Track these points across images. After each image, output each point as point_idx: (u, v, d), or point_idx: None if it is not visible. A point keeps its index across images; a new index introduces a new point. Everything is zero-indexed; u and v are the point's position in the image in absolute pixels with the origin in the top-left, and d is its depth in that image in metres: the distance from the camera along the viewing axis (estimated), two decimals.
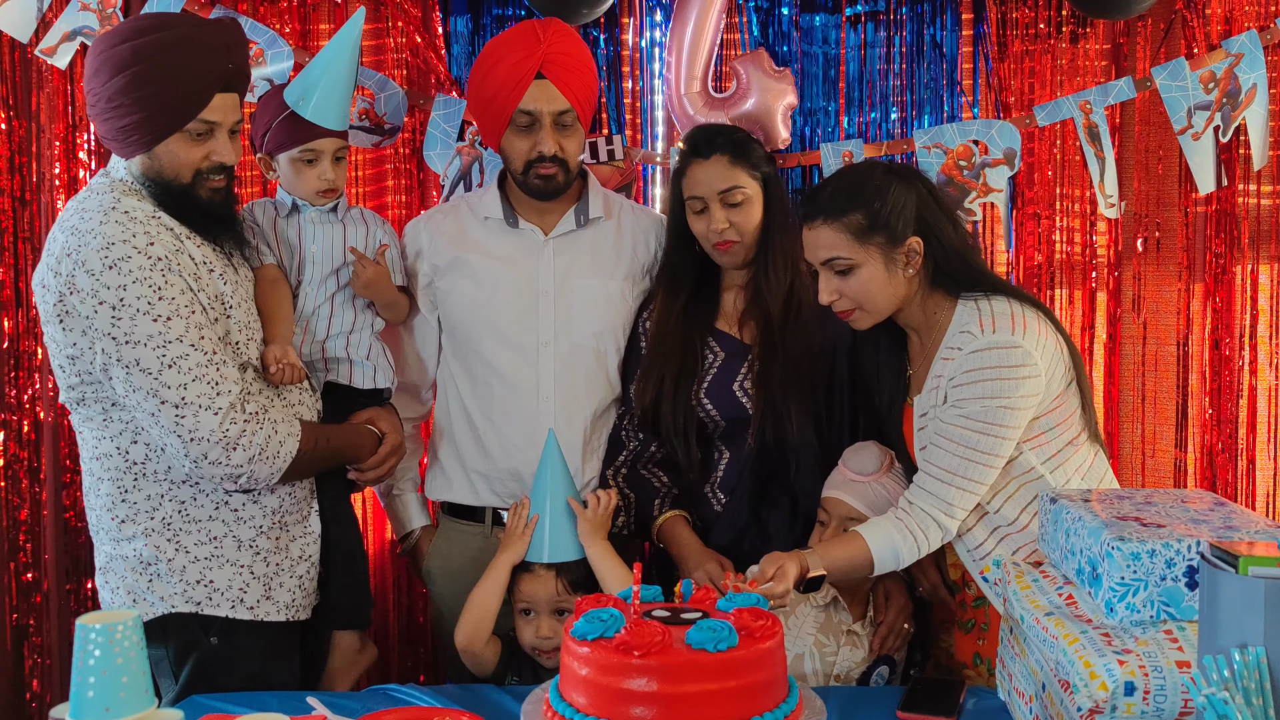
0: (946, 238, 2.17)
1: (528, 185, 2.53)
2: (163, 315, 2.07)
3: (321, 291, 2.44)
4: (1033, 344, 2.08)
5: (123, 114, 2.12)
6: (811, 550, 2.11)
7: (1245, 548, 1.45)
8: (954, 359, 2.12)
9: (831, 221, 2.15)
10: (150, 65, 2.10)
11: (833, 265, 2.17)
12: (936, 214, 2.18)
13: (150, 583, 2.19)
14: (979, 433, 2.08)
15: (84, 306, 2.07)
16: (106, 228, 2.08)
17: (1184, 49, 2.95)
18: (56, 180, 2.99)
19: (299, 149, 2.38)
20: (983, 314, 2.11)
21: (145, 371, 2.07)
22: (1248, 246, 3.02)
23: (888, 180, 2.17)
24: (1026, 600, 1.83)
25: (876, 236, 2.14)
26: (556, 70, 2.45)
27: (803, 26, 3.08)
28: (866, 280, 2.16)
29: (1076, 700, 1.59)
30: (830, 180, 2.27)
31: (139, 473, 2.18)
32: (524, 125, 2.47)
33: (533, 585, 2.27)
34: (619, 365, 2.60)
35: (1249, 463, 3.05)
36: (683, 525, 2.49)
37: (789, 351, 2.45)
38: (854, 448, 2.37)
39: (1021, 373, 2.07)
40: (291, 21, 3.00)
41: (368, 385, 2.48)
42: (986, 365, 2.07)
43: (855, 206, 2.14)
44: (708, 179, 2.43)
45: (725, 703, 1.57)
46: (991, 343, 2.08)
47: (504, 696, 2.05)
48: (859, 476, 2.30)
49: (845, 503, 2.29)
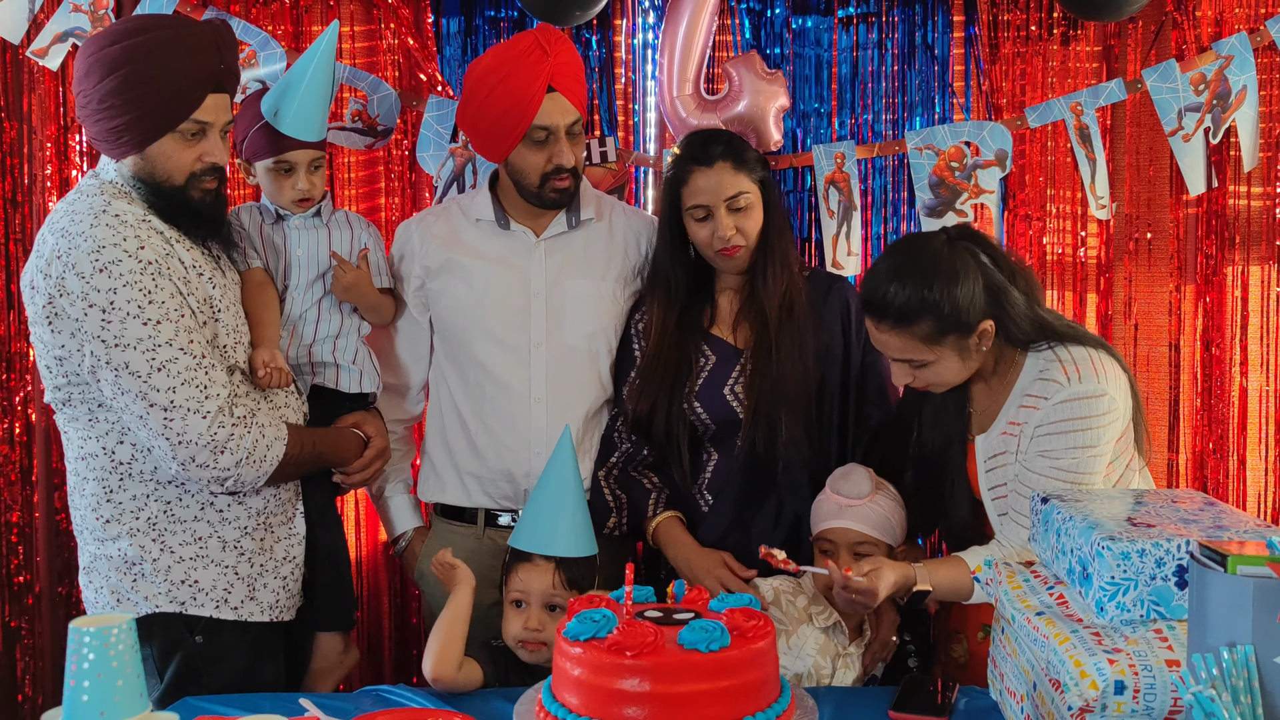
0: (1014, 309, 2.14)
1: (543, 198, 2.52)
2: (152, 319, 2.07)
3: (308, 296, 2.44)
4: (1114, 388, 2.11)
5: (114, 115, 2.12)
6: (921, 565, 2.15)
7: (1234, 547, 1.46)
8: (1039, 408, 2.13)
9: (900, 331, 2.13)
10: (142, 66, 2.10)
11: (907, 361, 2.17)
12: (1003, 286, 2.14)
13: (135, 582, 2.19)
14: (1071, 482, 2.10)
15: (74, 309, 2.07)
16: (97, 231, 2.08)
17: (1174, 51, 2.96)
18: (48, 182, 2.99)
19: (273, 160, 2.39)
20: (1064, 362, 2.11)
21: (134, 374, 2.07)
22: (1238, 248, 3.03)
23: (951, 269, 2.10)
24: (1018, 600, 1.84)
25: (949, 337, 2.12)
26: (565, 81, 2.45)
27: (795, 28, 3.09)
28: (942, 370, 2.17)
29: (1067, 699, 1.60)
30: (890, 271, 2.14)
31: (125, 473, 2.18)
32: (540, 140, 2.46)
33: (530, 575, 2.23)
34: (611, 366, 2.60)
35: (1240, 463, 3.06)
36: (679, 526, 2.49)
37: (781, 355, 2.46)
38: (840, 473, 2.36)
39: (1108, 419, 2.10)
40: (284, 23, 3.00)
41: (354, 389, 2.49)
42: (1077, 415, 2.09)
43: (924, 313, 2.10)
44: (712, 186, 2.42)
45: (717, 703, 1.57)
46: (1078, 393, 2.09)
47: (496, 698, 2.05)
48: (855, 500, 2.30)
49: (852, 529, 2.29)
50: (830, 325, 2.53)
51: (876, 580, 2.07)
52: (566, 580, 2.22)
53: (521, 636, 2.19)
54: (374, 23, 3.02)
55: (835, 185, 2.98)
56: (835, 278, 2.71)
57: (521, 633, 2.19)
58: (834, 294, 2.56)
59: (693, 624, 1.61)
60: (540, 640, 2.18)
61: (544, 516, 2.25)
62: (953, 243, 2.16)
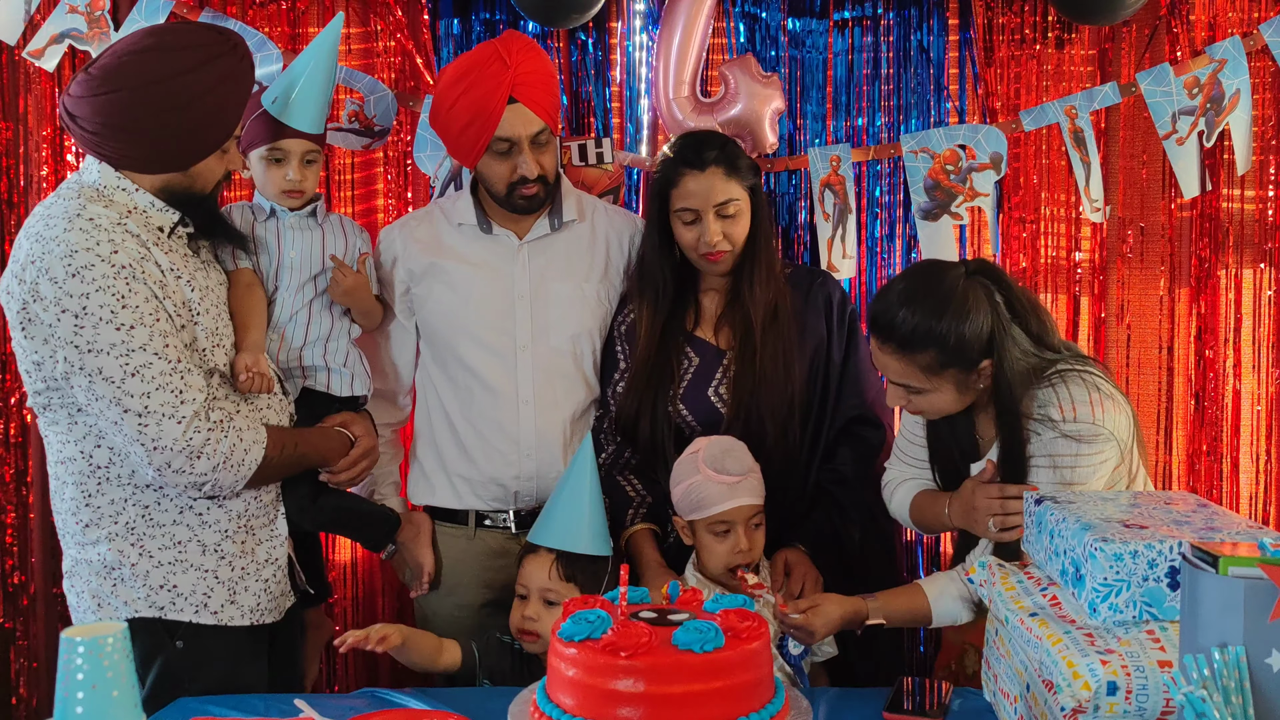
0: (1012, 353, 2.12)
1: (512, 204, 2.53)
2: (125, 324, 2.05)
3: (299, 298, 2.42)
4: (1112, 424, 2.10)
5: (160, 140, 2.13)
6: (876, 597, 2.17)
7: (1226, 548, 1.47)
8: (1030, 440, 2.13)
9: (903, 356, 2.12)
10: (206, 98, 2.12)
11: (904, 385, 2.17)
12: (1010, 329, 2.13)
13: (114, 587, 2.18)
14: None
15: (47, 314, 2.04)
16: (70, 235, 2.05)
17: (1168, 55, 2.97)
18: (44, 183, 2.99)
19: (266, 147, 2.38)
20: (1062, 401, 2.10)
21: (108, 380, 2.05)
22: (1232, 251, 3.03)
23: (963, 305, 2.10)
24: (1011, 601, 1.84)
25: (949, 370, 2.12)
26: (526, 91, 2.44)
27: (790, 32, 3.09)
28: (937, 400, 2.17)
29: (1060, 700, 1.60)
30: (903, 296, 2.14)
31: (103, 477, 2.16)
32: (502, 151, 2.46)
33: (531, 566, 2.28)
34: (595, 367, 2.61)
35: (1233, 465, 3.07)
36: (648, 540, 2.50)
37: (765, 360, 2.46)
38: (717, 451, 2.31)
39: (1100, 458, 2.10)
40: (280, 24, 3.01)
41: (345, 392, 2.48)
42: (1068, 453, 2.09)
43: (928, 344, 2.09)
44: (703, 191, 2.43)
45: (712, 703, 1.57)
46: (1071, 431, 2.08)
47: (491, 698, 2.04)
48: (742, 476, 2.29)
49: (748, 504, 2.29)
50: (814, 324, 2.53)
51: (814, 619, 2.11)
52: (564, 574, 2.24)
53: (519, 626, 2.26)
54: (371, 24, 3.03)
55: (830, 188, 2.98)
56: (817, 273, 2.69)
57: (519, 622, 2.26)
58: (816, 290, 2.57)
59: (687, 625, 1.61)
60: (534, 630, 2.23)
61: (552, 511, 2.31)
62: (970, 277, 2.15)
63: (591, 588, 2.25)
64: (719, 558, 2.30)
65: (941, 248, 2.94)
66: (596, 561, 2.29)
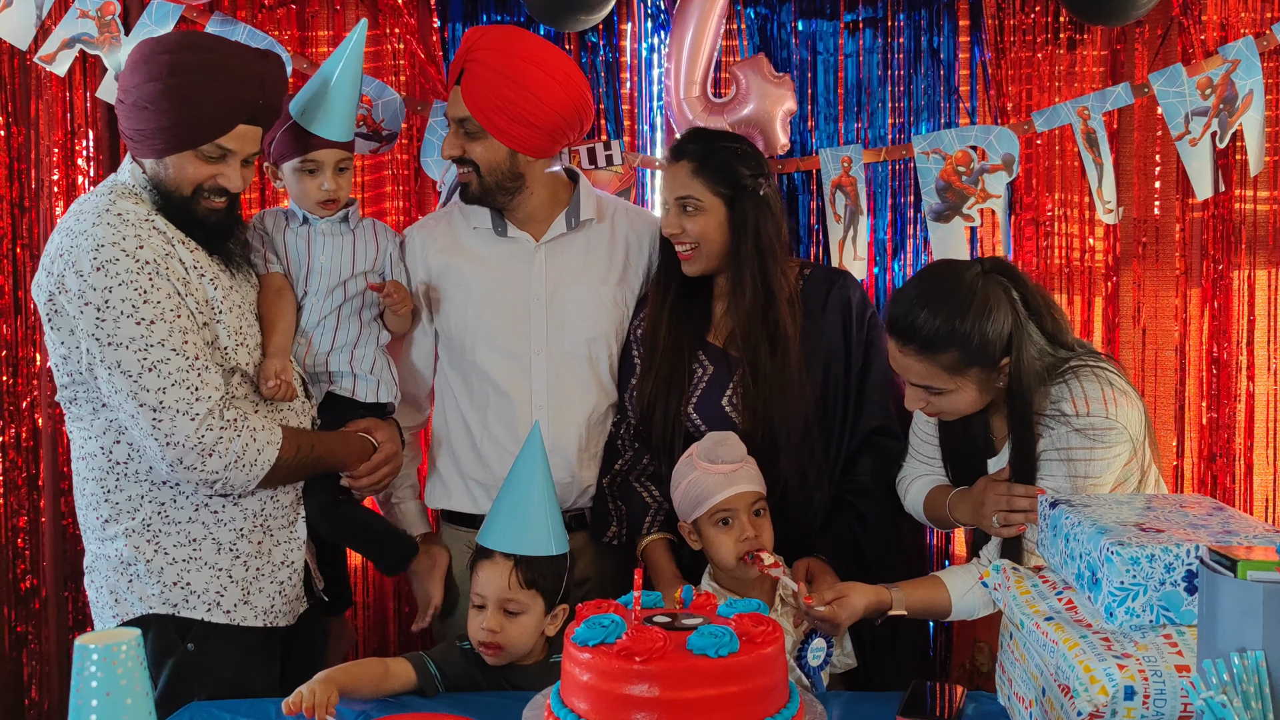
0: (1028, 356, 2.12)
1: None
2: (146, 318, 2.09)
3: (328, 303, 2.43)
4: (1125, 419, 2.10)
5: (146, 118, 2.15)
6: (898, 587, 2.19)
7: (1244, 552, 1.46)
8: (1043, 435, 2.13)
9: (925, 358, 2.12)
10: (183, 81, 2.12)
11: (925, 387, 2.16)
12: (1028, 327, 2.13)
13: (130, 583, 2.20)
14: None
15: (71, 307, 2.09)
16: (98, 229, 2.10)
17: (1181, 55, 2.96)
18: (55, 187, 2.99)
19: (300, 159, 2.39)
20: (1075, 397, 2.10)
21: (126, 374, 2.09)
22: (1245, 252, 3.02)
23: (984, 303, 2.09)
24: (1026, 605, 1.84)
25: (972, 370, 2.12)
26: (470, 78, 2.45)
27: (802, 33, 3.09)
28: (958, 401, 2.17)
29: (1076, 705, 1.59)
30: (922, 299, 2.14)
31: (121, 473, 2.19)
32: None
33: (488, 574, 2.14)
34: (613, 371, 2.60)
35: (1247, 468, 3.05)
36: (663, 550, 2.49)
37: (769, 368, 2.43)
38: (711, 444, 2.30)
39: (1114, 452, 2.10)
40: (290, 28, 3.01)
41: (370, 399, 2.48)
42: (1079, 446, 2.09)
43: (951, 344, 2.09)
44: (668, 181, 2.49)
45: (726, 708, 1.57)
46: (1084, 425, 2.09)
47: (505, 701, 2.04)
48: (738, 464, 2.28)
49: (747, 491, 2.28)
50: (830, 330, 2.51)
51: (840, 611, 2.13)
52: (525, 580, 2.12)
53: (478, 639, 2.13)
54: (380, 28, 3.03)
55: (842, 189, 2.97)
56: (837, 275, 2.62)
57: (478, 634, 2.13)
58: (835, 294, 2.52)
59: (701, 629, 1.61)
60: (496, 643, 2.11)
61: (504, 513, 2.17)
62: (987, 275, 2.15)
63: (554, 590, 2.16)
64: (727, 549, 2.25)
65: (953, 249, 2.93)
66: (556, 561, 2.17)
